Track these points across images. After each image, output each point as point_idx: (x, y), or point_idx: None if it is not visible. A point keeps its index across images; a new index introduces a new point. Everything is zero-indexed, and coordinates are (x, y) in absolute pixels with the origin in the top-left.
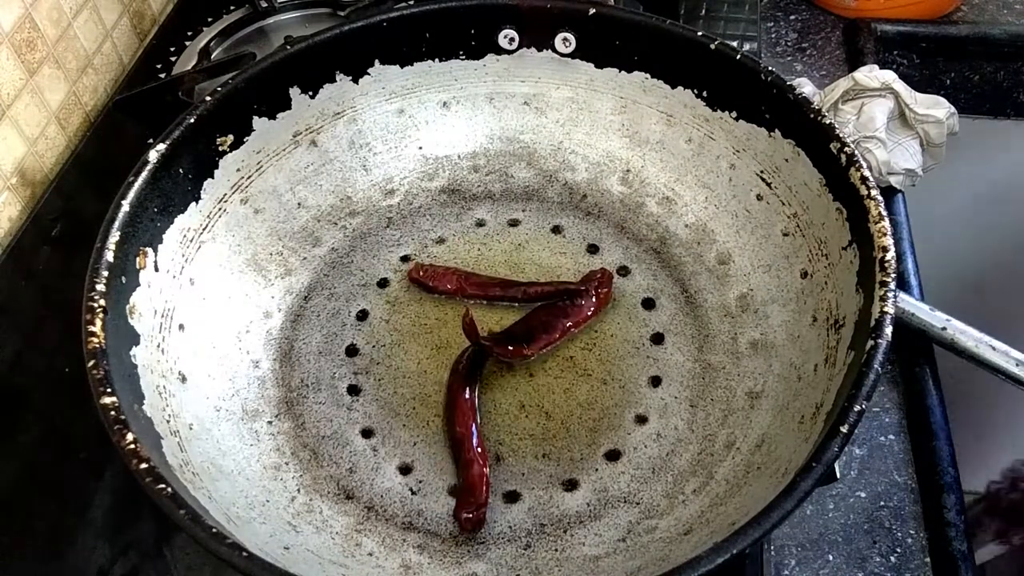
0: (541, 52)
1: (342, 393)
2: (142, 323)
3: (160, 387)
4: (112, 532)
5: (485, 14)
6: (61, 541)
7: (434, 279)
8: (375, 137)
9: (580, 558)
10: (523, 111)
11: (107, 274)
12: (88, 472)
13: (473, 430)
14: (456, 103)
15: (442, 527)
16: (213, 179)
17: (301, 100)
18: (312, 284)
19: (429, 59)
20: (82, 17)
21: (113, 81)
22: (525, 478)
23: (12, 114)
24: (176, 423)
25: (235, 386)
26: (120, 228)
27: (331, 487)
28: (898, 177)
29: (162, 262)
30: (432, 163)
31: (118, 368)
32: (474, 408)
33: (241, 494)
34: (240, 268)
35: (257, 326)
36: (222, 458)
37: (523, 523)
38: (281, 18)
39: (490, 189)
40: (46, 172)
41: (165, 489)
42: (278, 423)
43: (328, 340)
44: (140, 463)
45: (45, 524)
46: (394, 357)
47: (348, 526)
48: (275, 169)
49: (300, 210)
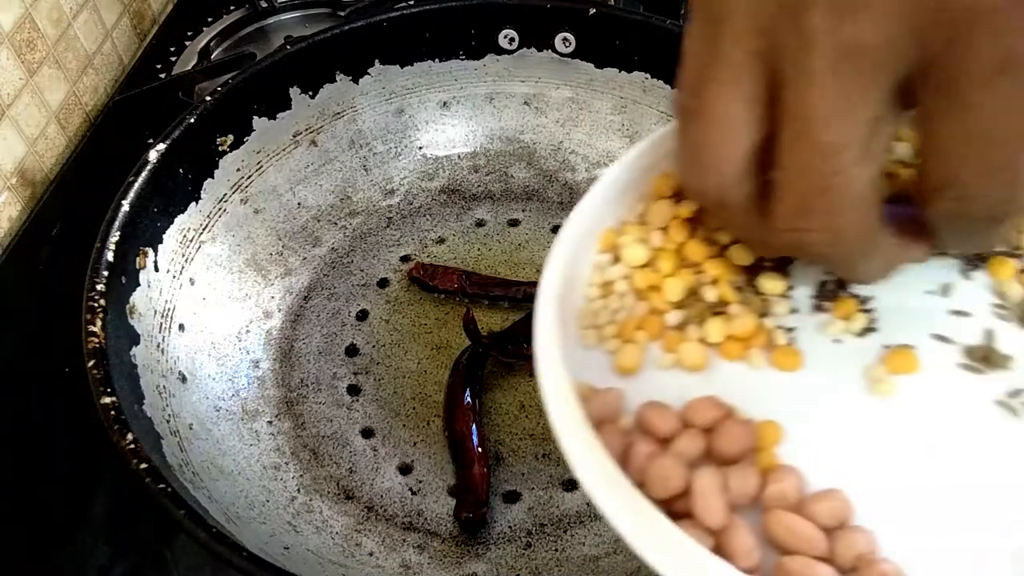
0: (541, 52)
1: (342, 393)
2: (142, 323)
3: (160, 387)
4: (112, 532)
5: (485, 14)
6: (61, 541)
7: (434, 278)
8: (375, 137)
9: (580, 558)
10: (523, 111)
11: (107, 274)
12: (88, 472)
13: (473, 430)
14: (456, 103)
15: (442, 527)
16: (213, 179)
17: (301, 100)
18: (312, 284)
19: (429, 59)
20: (82, 17)
21: (113, 81)
22: (525, 478)
23: (12, 114)
24: (176, 423)
25: (235, 386)
26: (120, 228)
27: (331, 487)
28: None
29: (162, 262)
30: (432, 163)
31: (118, 368)
32: (474, 408)
33: (241, 494)
34: (240, 268)
35: (257, 326)
36: (222, 458)
37: (523, 523)
38: (281, 18)
39: (490, 189)
40: (46, 172)
41: (165, 489)
42: (278, 423)
43: (328, 340)
44: (140, 463)
45: (45, 524)
46: (394, 357)
47: (348, 526)
48: (275, 169)
49: (300, 210)
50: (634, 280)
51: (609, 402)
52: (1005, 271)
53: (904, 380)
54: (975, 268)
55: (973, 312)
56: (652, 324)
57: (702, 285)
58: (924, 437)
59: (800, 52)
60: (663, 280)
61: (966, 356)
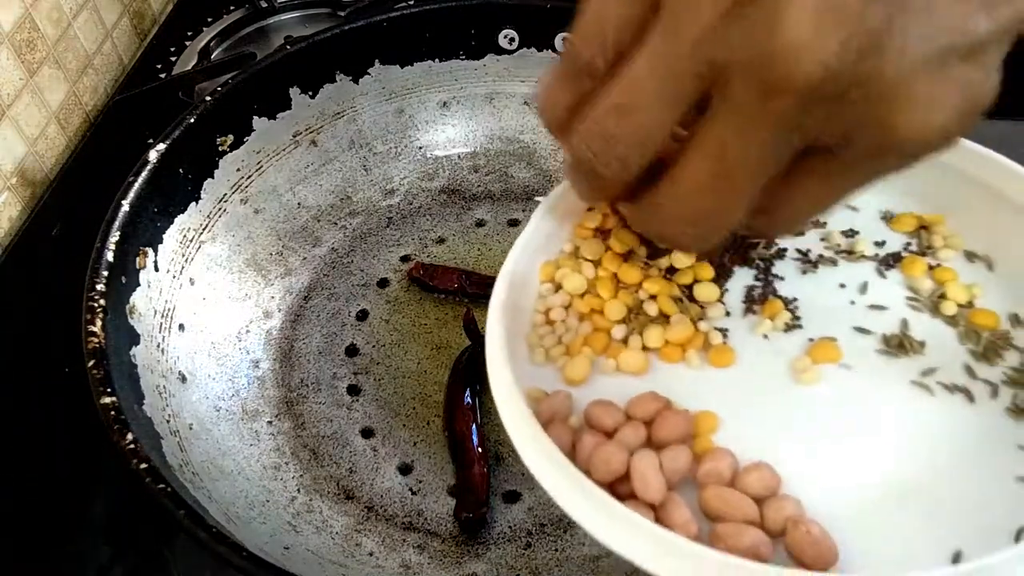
0: (541, 52)
1: (342, 393)
2: (142, 323)
3: (160, 387)
4: (112, 532)
5: (485, 14)
6: (61, 541)
7: (434, 278)
8: (375, 137)
9: (580, 558)
10: (523, 111)
11: (107, 274)
12: (88, 472)
13: (473, 430)
14: (456, 103)
15: (442, 527)
16: (213, 179)
17: (301, 100)
18: (312, 284)
19: (429, 59)
20: (82, 17)
21: (113, 81)
22: (525, 478)
23: (12, 114)
24: (176, 423)
25: (235, 386)
26: (120, 228)
27: (331, 487)
28: None
29: (162, 262)
30: (432, 163)
31: (118, 368)
32: (474, 408)
33: (241, 494)
34: (240, 268)
35: (257, 326)
36: (222, 458)
37: (523, 523)
38: (281, 18)
39: (490, 189)
40: (46, 172)
41: (165, 489)
42: (278, 423)
43: (328, 340)
44: (140, 463)
45: (45, 524)
46: (394, 357)
47: (348, 526)
48: (275, 169)
49: (300, 210)
50: (576, 306)
51: (558, 404)
52: (917, 268)
53: (827, 368)
54: (889, 268)
55: (889, 306)
56: (597, 340)
57: (641, 302)
58: (847, 415)
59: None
60: (604, 303)
61: (883, 344)
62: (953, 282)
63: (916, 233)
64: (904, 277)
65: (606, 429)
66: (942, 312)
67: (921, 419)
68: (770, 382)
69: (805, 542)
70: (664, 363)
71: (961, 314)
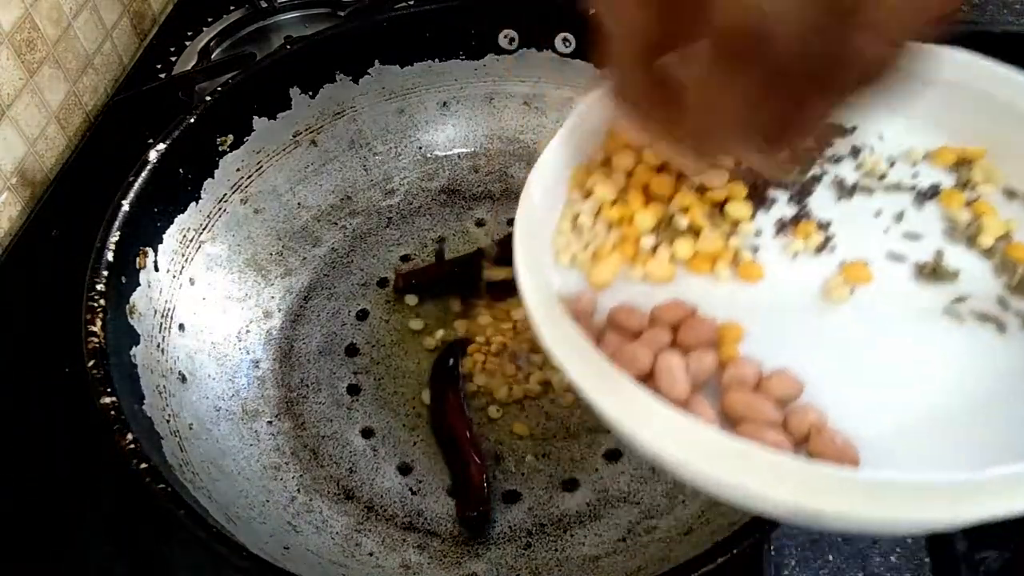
0: (541, 52)
1: (342, 393)
2: (142, 323)
3: (160, 387)
4: (112, 532)
5: (485, 14)
6: (61, 541)
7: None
8: (375, 137)
9: (580, 558)
10: (523, 111)
11: (107, 274)
12: (88, 472)
13: (464, 429)
14: (456, 103)
15: (442, 527)
16: (213, 179)
17: (301, 100)
18: (312, 284)
19: (429, 59)
20: (82, 17)
21: (113, 81)
22: (525, 478)
23: (12, 114)
24: (176, 423)
25: (235, 386)
26: (120, 228)
27: (331, 487)
28: None
29: (162, 262)
30: (432, 163)
31: (118, 368)
32: (462, 406)
33: (241, 494)
34: (240, 268)
35: (257, 326)
36: (222, 458)
37: (523, 523)
38: (281, 18)
39: (490, 189)
40: (46, 172)
41: (165, 489)
42: (278, 423)
43: (328, 340)
44: (140, 463)
45: (45, 524)
46: (394, 357)
47: (348, 526)
48: (275, 169)
49: (300, 210)
50: (607, 212)
51: (583, 303)
52: (955, 201)
53: (858, 289)
54: (927, 199)
55: (924, 235)
56: (626, 247)
57: (673, 214)
58: (874, 338)
59: None
60: (634, 212)
61: (916, 271)
62: (991, 216)
63: (956, 167)
64: (941, 209)
65: (632, 330)
66: (978, 244)
67: (950, 346)
68: (798, 299)
69: (829, 449)
70: (691, 275)
71: (997, 247)
